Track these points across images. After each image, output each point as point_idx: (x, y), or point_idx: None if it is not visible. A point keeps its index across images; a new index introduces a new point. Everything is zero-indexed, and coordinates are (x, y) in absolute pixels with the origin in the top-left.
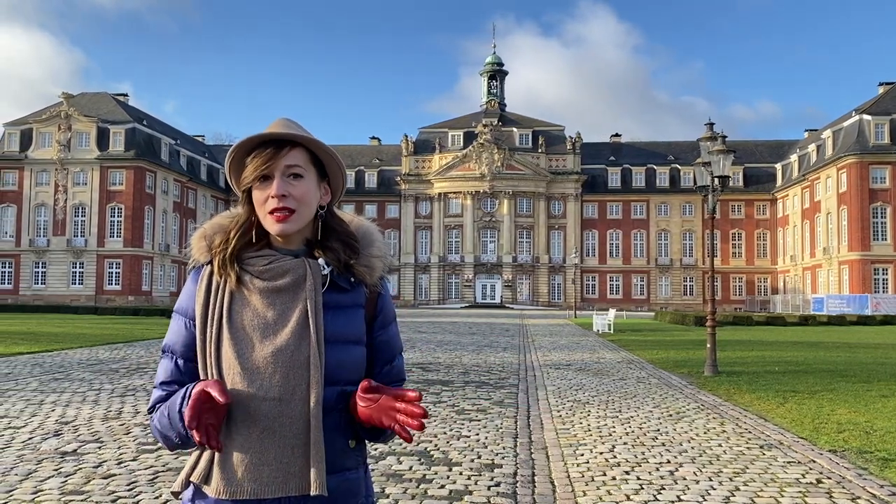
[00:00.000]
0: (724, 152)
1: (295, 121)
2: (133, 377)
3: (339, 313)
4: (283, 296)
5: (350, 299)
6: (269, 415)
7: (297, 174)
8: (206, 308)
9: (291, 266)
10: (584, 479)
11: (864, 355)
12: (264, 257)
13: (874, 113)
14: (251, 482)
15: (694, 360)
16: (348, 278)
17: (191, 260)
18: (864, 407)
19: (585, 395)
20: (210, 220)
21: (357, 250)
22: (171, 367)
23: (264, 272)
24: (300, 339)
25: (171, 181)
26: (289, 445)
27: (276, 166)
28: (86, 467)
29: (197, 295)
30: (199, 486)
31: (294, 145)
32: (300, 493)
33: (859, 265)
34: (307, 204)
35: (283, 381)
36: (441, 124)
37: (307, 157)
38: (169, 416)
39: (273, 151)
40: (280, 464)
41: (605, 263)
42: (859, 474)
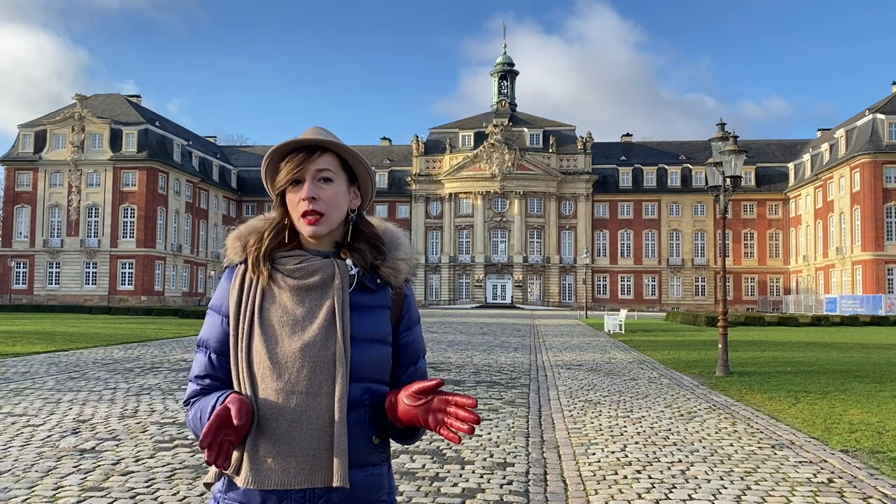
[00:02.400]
0: (736, 152)
1: (327, 129)
2: (147, 376)
3: (365, 313)
4: (311, 294)
5: (376, 300)
6: (297, 408)
7: (327, 178)
8: (238, 305)
9: (320, 266)
10: (596, 477)
11: (877, 356)
12: (295, 257)
13: (888, 112)
14: (278, 473)
15: (706, 360)
16: (374, 279)
17: (225, 260)
18: (877, 407)
19: (597, 395)
20: (245, 223)
21: (383, 253)
22: (206, 362)
23: (295, 271)
24: (327, 336)
25: (184, 182)
26: (315, 438)
27: (306, 170)
28: (104, 464)
29: (231, 293)
30: (231, 477)
31: (324, 151)
32: (325, 484)
33: (873, 265)
34: (337, 207)
35: (310, 375)
36: (451, 124)
37: (337, 163)
38: (200, 419)
39: (304, 156)
40: (306, 456)
41: (616, 264)
42: (871, 474)
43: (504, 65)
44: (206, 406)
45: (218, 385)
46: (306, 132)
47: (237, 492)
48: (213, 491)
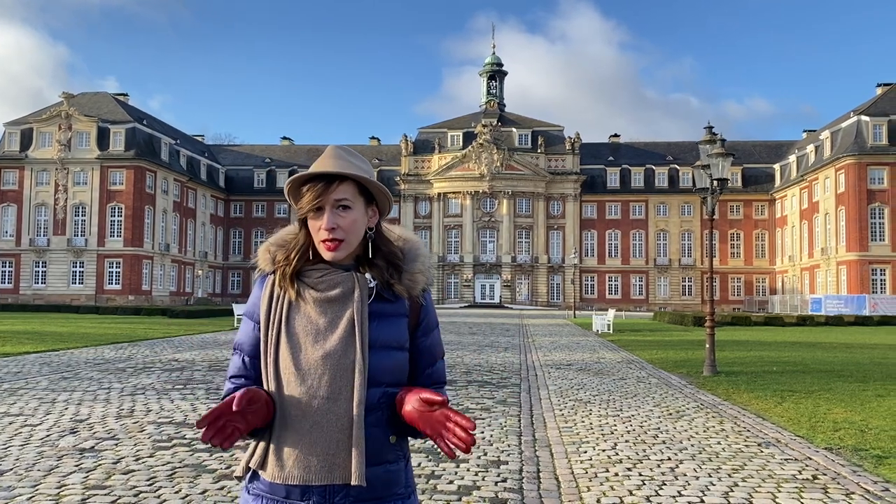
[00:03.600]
0: (724, 155)
1: (345, 148)
2: (141, 376)
3: (383, 322)
4: (333, 305)
5: (394, 309)
6: (319, 411)
7: (345, 206)
8: (268, 314)
9: (342, 279)
10: (588, 475)
11: (861, 356)
12: (318, 270)
13: (872, 114)
14: (300, 469)
15: (693, 360)
16: (392, 290)
17: (257, 269)
18: (860, 406)
19: (587, 395)
20: (275, 234)
21: (400, 269)
22: (240, 364)
23: (318, 284)
24: (347, 345)
25: (171, 181)
26: (335, 439)
27: (326, 200)
28: (105, 463)
29: (261, 302)
30: (256, 471)
31: (343, 179)
32: (343, 482)
33: (857, 266)
34: (355, 232)
35: (330, 381)
36: (440, 124)
37: (355, 189)
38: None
39: (324, 187)
40: (326, 455)
41: (604, 263)
42: (854, 471)
43: (493, 65)
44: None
45: (250, 384)
46: (325, 154)
47: (264, 483)
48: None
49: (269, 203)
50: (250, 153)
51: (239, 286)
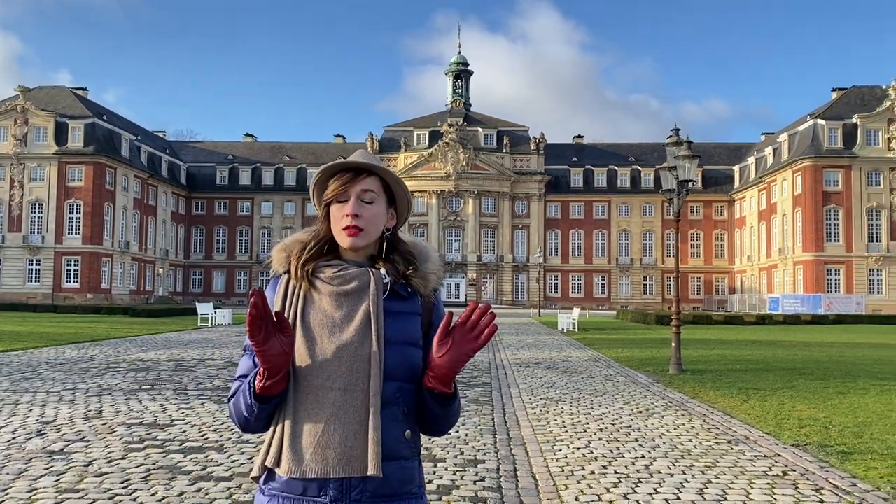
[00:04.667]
0: (690, 157)
1: (371, 154)
2: (106, 376)
3: (397, 318)
4: (349, 299)
5: (408, 307)
6: (335, 403)
7: (369, 200)
8: (282, 310)
9: (357, 274)
10: (565, 473)
11: (819, 354)
12: (334, 266)
13: (828, 118)
14: (318, 462)
15: (658, 358)
16: (406, 288)
17: (271, 270)
18: (823, 403)
19: (557, 393)
20: (291, 236)
21: (415, 265)
22: (250, 364)
23: (334, 278)
24: (363, 338)
25: (132, 177)
26: (351, 431)
27: (352, 190)
28: (76, 466)
29: (276, 299)
30: (272, 471)
31: (370, 174)
32: (361, 474)
33: (813, 266)
34: (375, 225)
35: (347, 373)
36: (406, 123)
37: (380, 185)
38: (241, 391)
39: (352, 176)
40: (344, 447)
41: (568, 263)
42: (821, 466)
43: (458, 64)
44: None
45: None
46: (354, 155)
47: (280, 481)
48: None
49: (231, 200)
50: (213, 150)
51: (200, 285)
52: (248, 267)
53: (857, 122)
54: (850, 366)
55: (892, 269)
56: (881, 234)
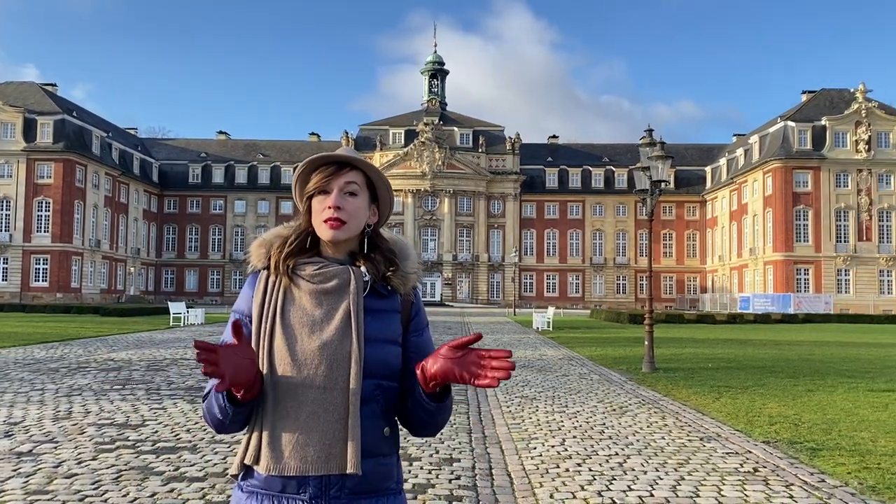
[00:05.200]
0: (663, 157)
1: (355, 151)
2: (76, 377)
3: (377, 316)
4: (329, 297)
5: (387, 305)
6: (315, 401)
7: (352, 192)
8: (261, 306)
9: (338, 272)
10: (539, 471)
11: (789, 352)
12: (314, 263)
13: (798, 120)
14: (297, 460)
15: (632, 356)
16: (385, 286)
17: (249, 266)
18: (792, 401)
19: (532, 392)
20: (270, 230)
21: (395, 264)
22: None
23: (314, 276)
24: (343, 336)
25: (103, 175)
26: (330, 429)
27: (335, 182)
28: (45, 467)
29: (255, 296)
30: (250, 468)
31: (353, 168)
32: (340, 471)
33: (783, 265)
34: (357, 219)
35: (327, 371)
36: (382, 122)
37: (363, 180)
38: (214, 399)
39: (335, 169)
40: (322, 445)
41: (543, 262)
42: (791, 463)
43: (434, 64)
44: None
45: None
46: (338, 150)
47: (259, 478)
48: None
49: (204, 199)
50: (185, 147)
51: (172, 284)
52: (221, 266)
53: (826, 125)
54: (818, 364)
55: (859, 269)
56: (849, 234)
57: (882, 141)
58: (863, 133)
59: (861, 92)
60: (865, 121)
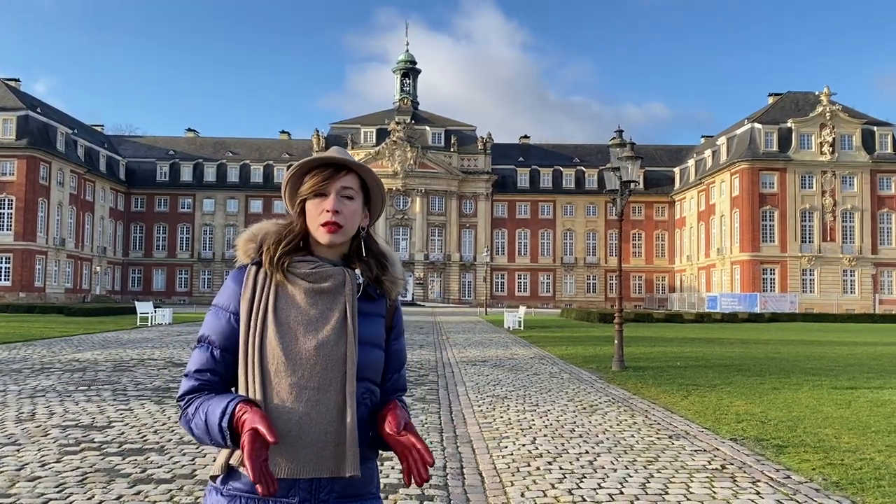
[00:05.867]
0: (633, 158)
1: (346, 151)
2: (39, 377)
3: (367, 319)
4: (325, 297)
5: (375, 308)
6: (308, 402)
7: (349, 196)
8: (251, 302)
9: (333, 272)
10: (510, 469)
11: (755, 351)
12: (309, 262)
13: (765, 122)
14: (289, 462)
15: (602, 355)
16: (376, 290)
17: (236, 261)
18: (759, 399)
19: (503, 391)
20: (256, 224)
21: (386, 268)
22: (207, 357)
23: (309, 275)
24: (339, 337)
25: (68, 172)
26: (324, 431)
27: (332, 186)
28: (7, 470)
29: (243, 292)
30: (233, 471)
31: (349, 171)
32: (331, 474)
33: (749, 265)
34: (353, 222)
35: (322, 372)
36: (353, 120)
37: (358, 183)
38: (207, 425)
39: (331, 172)
40: (315, 447)
41: (514, 262)
42: (758, 460)
43: (406, 62)
44: (215, 411)
45: (217, 381)
46: (331, 151)
47: (244, 482)
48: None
49: (172, 197)
50: (153, 145)
51: (140, 283)
52: (190, 265)
53: (792, 127)
54: (784, 362)
55: (823, 269)
56: (814, 235)
57: (845, 143)
58: (827, 135)
59: (825, 95)
60: (830, 123)
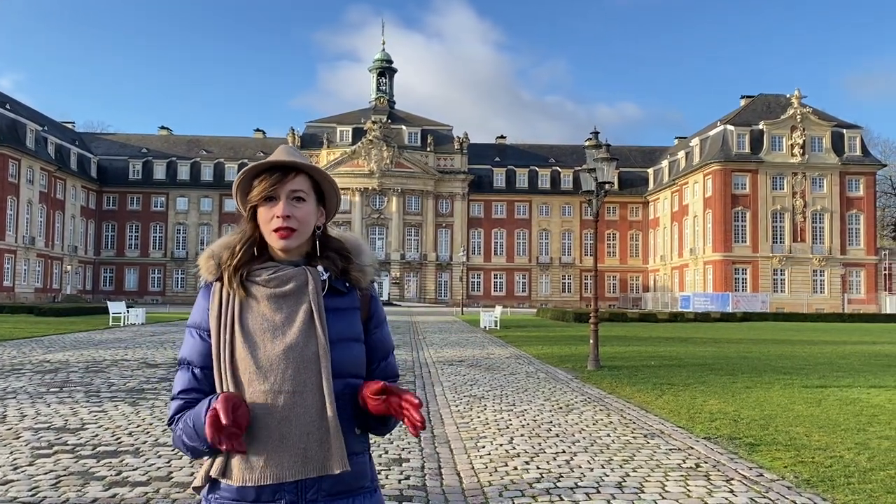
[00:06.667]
0: (609, 159)
1: (296, 149)
2: (10, 379)
3: (338, 314)
4: (288, 300)
5: (347, 302)
6: (285, 406)
7: (300, 198)
8: (218, 318)
9: (294, 274)
10: (488, 469)
11: (728, 350)
12: (268, 269)
13: (737, 124)
14: (273, 467)
15: (577, 355)
16: (344, 283)
17: (201, 279)
18: (732, 398)
19: (480, 390)
20: (217, 241)
21: (350, 259)
22: (189, 377)
23: (270, 281)
24: (307, 337)
25: (38, 170)
26: (304, 432)
27: (281, 190)
28: None
29: (210, 308)
30: (216, 481)
31: (298, 172)
32: (317, 474)
33: (722, 265)
34: (307, 224)
35: (294, 374)
36: (329, 119)
37: (309, 184)
38: (195, 427)
39: (280, 176)
40: (298, 449)
41: (490, 261)
42: (731, 458)
43: (382, 61)
44: (200, 411)
45: (203, 398)
46: (278, 153)
47: (229, 489)
48: (201, 495)
49: (145, 195)
50: (125, 142)
51: (111, 283)
52: (163, 264)
53: (764, 129)
54: (756, 361)
55: (794, 269)
56: (784, 235)
57: (816, 145)
58: (798, 137)
59: (796, 98)
60: (800, 125)
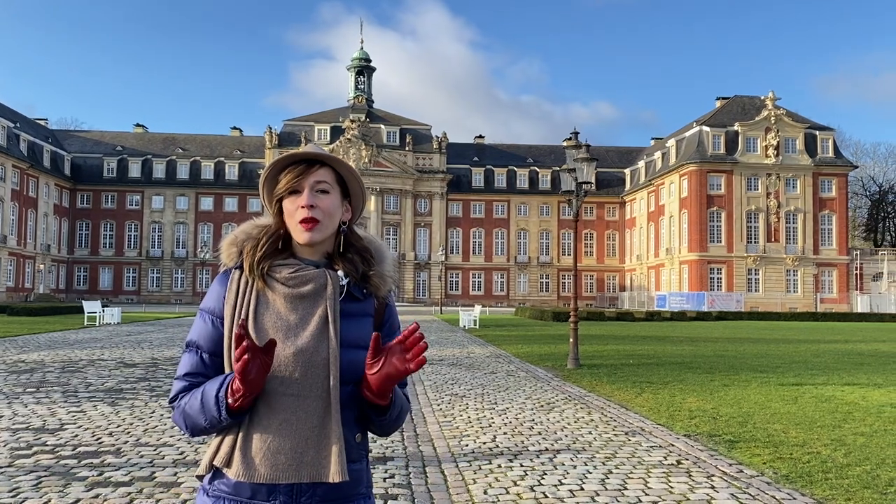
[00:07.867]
0: (588, 160)
1: (321, 147)
2: None
3: (352, 321)
4: (305, 302)
5: (362, 309)
6: (288, 408)
7: (324, 190)
8: (234, 310)
9: (314, 276)
10: (472, 468)
11: (704, 349)
12: (290, 266)
13: (712, 125)
14: (268, 467)
15: (557, 353)
16: (361, 290)
17: (221, 265)
18: (710, 395)
19: (461, 389)
20: (239, 227)
21: (372, 264)
22: (196, 361)
23: (289, 279)
24: (319, 342)
25: (10, 167)
26: (303, 437)
27: (305, 181)
28: None
29: (227, 296)
30: (218, 471)
31: (322, 165)
32: (311, 480)
33: (697, 265)
34: (331, 217)
35: (301, 378)
36: (307, 117)
37: (333, 177)
38: (202, 401)
39: (304, 168)
40: (294, 453)
41: (469, 261)
42: (712, 455)
43: (361, 60)
44: (213, 385)
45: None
46: (303, 147)
47: (228, 483)
48: (202, 483)
49: (120, 193)
50: (100, 140)
51: (85, 282)
52: (138, 263)
53: (739, 130)
54: (733, 360)
55: (767, 269)
56: (759, 235)
57: (789, 147)
58: (772, 139)
59: (771, 100)
60: (774, 127)
